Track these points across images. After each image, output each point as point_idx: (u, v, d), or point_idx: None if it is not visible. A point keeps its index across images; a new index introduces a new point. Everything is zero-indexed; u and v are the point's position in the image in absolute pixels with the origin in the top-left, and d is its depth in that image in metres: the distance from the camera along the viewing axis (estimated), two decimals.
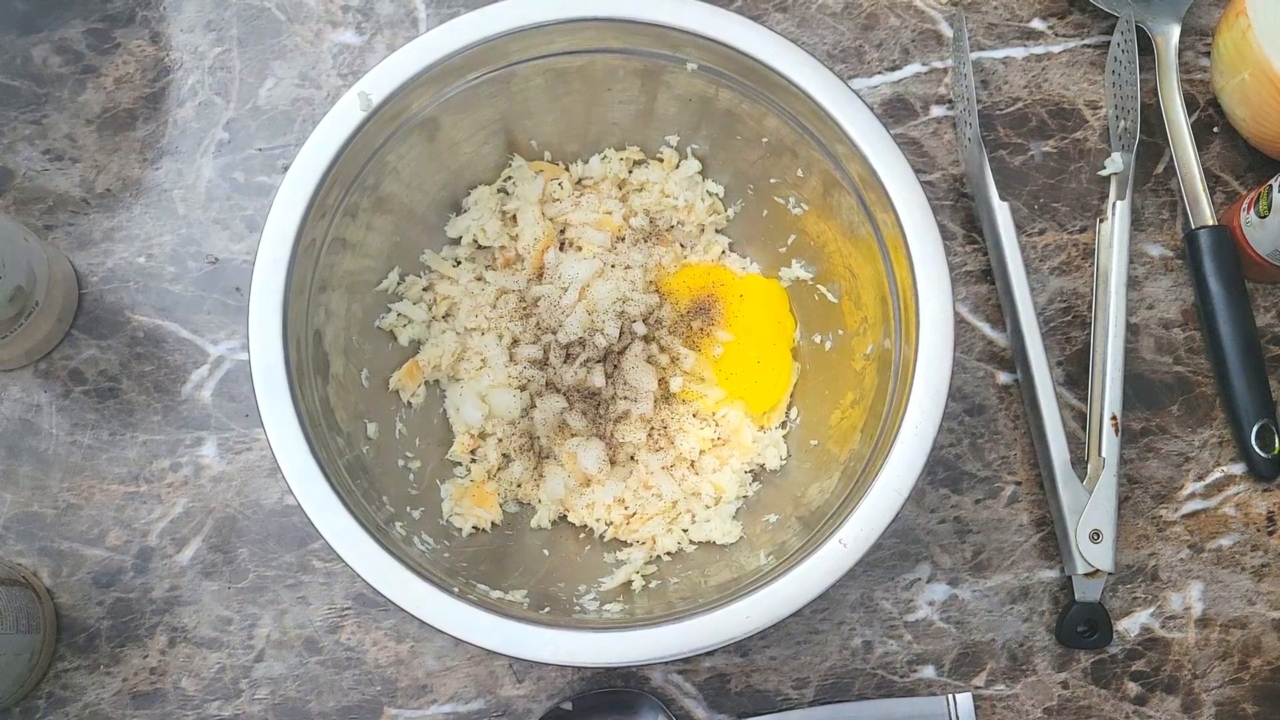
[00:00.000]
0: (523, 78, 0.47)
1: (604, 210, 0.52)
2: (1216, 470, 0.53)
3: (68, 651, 0.49)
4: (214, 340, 0.53)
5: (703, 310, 0.51)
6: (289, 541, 0.51)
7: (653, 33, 0.45)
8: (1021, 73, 0.57)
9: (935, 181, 0.56)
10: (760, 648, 0.50)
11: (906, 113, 0.56)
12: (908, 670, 0.50)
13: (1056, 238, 0.55)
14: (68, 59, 0.56)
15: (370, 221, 0.47)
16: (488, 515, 0.49)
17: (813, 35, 0.57)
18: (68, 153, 0.55)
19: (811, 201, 0.49)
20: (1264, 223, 0.51)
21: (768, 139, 0.48)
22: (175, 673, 0.49)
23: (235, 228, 0.54)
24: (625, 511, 0.50)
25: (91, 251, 0.54)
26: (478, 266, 0.52)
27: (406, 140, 0.46)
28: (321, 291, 0.45)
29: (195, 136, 0.55)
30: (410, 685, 0.50)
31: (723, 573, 0.46)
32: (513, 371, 0.50)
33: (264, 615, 0.50)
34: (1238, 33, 0.52)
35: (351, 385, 0.47)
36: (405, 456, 0.48)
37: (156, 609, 0.50)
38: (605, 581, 0.47)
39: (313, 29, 0.56)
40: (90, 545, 0.50)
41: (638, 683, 0.50)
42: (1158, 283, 0.55)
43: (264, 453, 0.51)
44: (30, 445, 0.51)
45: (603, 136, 0.52)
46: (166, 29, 0.56)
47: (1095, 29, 0.58)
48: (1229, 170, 0.56)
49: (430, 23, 0.57)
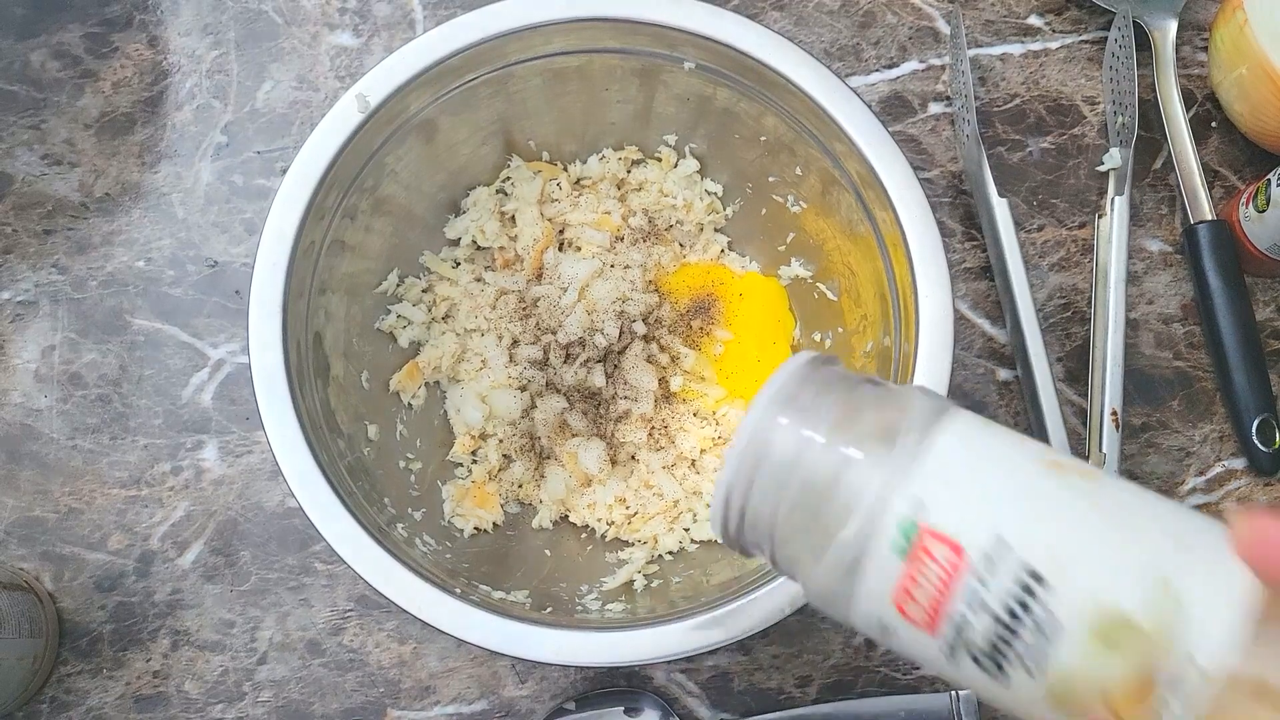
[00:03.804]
0: (520, 78, 0.47)
1: (602, 210, 0.52)
2: (1217, 465, 0.53)
3: (70, 656, 0.49)
4: (214, 343, 0.53)
5: (702, 309, 0.51)
6: (291, 544, 0.51)
7: (650, 32, 0.45)
8: (1019, 69, 0.57)
9: (934, 179, 0.56)
10: (763, 646, 0.50)
11: (904, 110, 0.56)
12: (910, 667, 0.50)
13: (1055, 234, 0.55)
14: (65, 63, 0.56)
15: (369, 223, 0.47)
16: (489, 516, 0.49)
17: (810, 33, 0.57)
18: (66, 157, 0.55)
19: (810, 199, 0.49)
20: (1262, 217, 0.51)
21: (766, 137, 0.48)
22: (178, 676, 0.49)
23: (234, 231, 0.54)
24: (626, 511, 0.50)
25: (91, 256, 0.54)
26: (477, 267, 0.52)
27: (405, 142, 0.46)
28: (321, 294, 0.45)
29: (194, 140, 0.55)
30: (413, 686, 0.50)
31: (724, 571, 0.46)
32: (513, 372, 0.50)
33: (266, 618, 0.50)
34: (1235, 27, 0.52)
35: (352, 387, 0.47)
36: (406, 458, 0.48)
37: (159, 612, 0.50)
38: (607, 581, 0.47)
39: (310, 31, 0.56)
40: (92, 549, 0.51)
41: (640, 682, 0.50)
42: (1157, 278, 0.55)
43: (265, 455, 0.51)
44: (31, 450, 0.51)
45: (601, 136, 0.52)
46: (164, 33, 0.56)
47: (1092, 25, 0.58)
48: (1227, 165, 0.56)
49: (427, 24, 0.57)
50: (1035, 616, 0.22)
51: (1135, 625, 0.22)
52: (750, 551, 0.29)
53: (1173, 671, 0.21)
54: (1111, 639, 0.22)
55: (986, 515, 0.24)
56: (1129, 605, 0.22)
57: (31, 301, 0.53)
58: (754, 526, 0.28)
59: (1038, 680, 0.23)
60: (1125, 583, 0.22)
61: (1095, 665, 0.22)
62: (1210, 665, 0.21)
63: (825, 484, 0.26)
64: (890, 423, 0.26)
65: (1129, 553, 0.23)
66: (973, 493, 0.24)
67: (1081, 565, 0.22)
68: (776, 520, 0.27)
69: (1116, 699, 0.22)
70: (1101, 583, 0.22)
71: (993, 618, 0.23)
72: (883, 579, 0.25)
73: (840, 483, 0.25)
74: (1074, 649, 0.22)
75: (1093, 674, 0.22)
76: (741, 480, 0.27)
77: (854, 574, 0.25)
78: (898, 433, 0.26)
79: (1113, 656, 0.22)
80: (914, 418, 0.26)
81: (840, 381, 0.28)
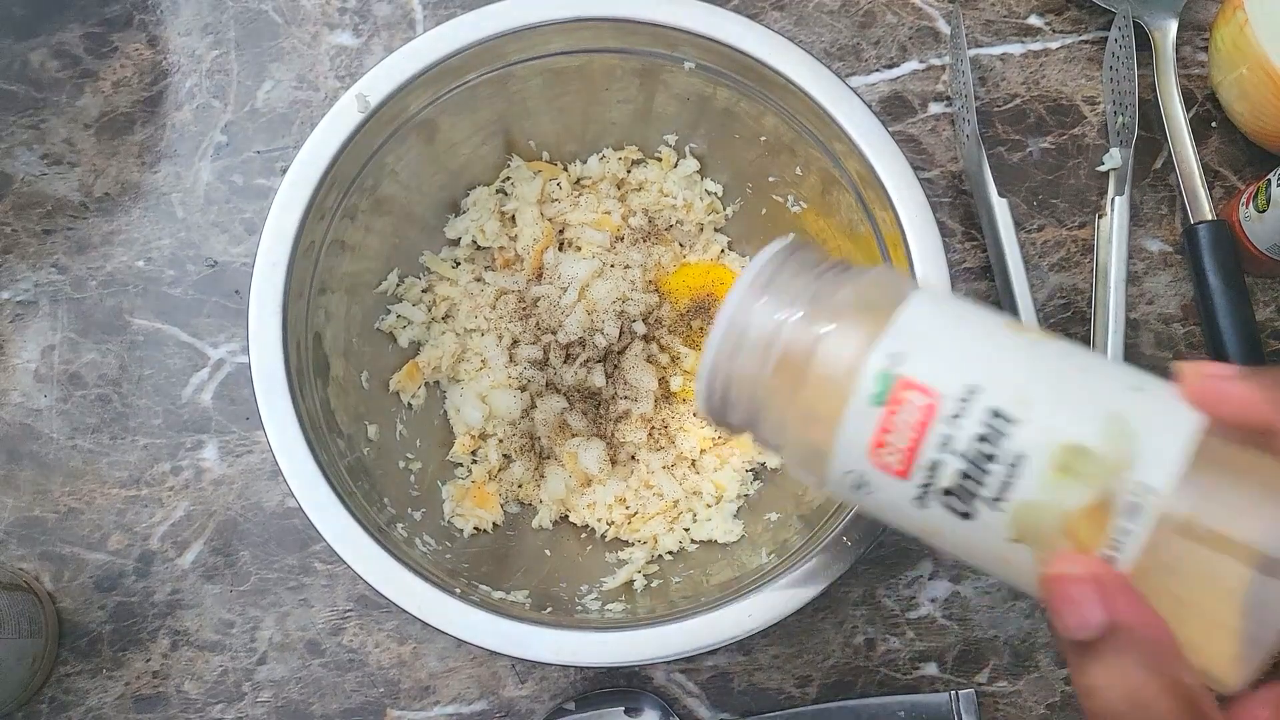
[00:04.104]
0: (520, 78, 0.47)
1: (602, 210, 0.52)
2: None
3: (70, 656, 0.49)
4: (214, 343, 0.53)
5: (702, 309, 0.51)
6: (290, 544, 0.51)
7: (650, 32, 0.45)
8: (1019, 69, 0.57)
9: (934, 179, 0.56)
10: (762, 646, 0.50)
11: (904, 110, 0.56)
12: (910, 667, 0.50)
13: (1055, 234, 0.55)
14: (65, 63, 0.56)
15: (369, 223, 0.47)
16: (489, 516, 0.49)
17: (810, 33, 0.57)
18: (66, 157, 0.55)
19: (810, 199, 0.49)
20: (1263, 217, 0.51)
21: (766, 137, 0.48)
22: (177, 676, 0.49)
23: (234, 230, 0.54)
24: (626, 511, 0.50)
25: (90, 255, 0.54)
26: (477, 267, 0.52)
27: (405, 141, 0.46)
28: (321, 294, 0.45)
29: (193, 140, 0.55)
30: (413, 687, 0.50)
31: (724, 571, 0.46)
32: (513, 372, 0.50)
33: (266, 618, 0.50)
34: (1235, 27, 0.52)
35: (352, 387, 0.47)
36: (406, 458, 0.48)
37: (158, 612, 0.50)
38: (607, 581, 0.47)
39: (310, 31, 0.56)
40: (92, 549, 0.50)
41: (640, 682, 0.50)
42: (1157, 278, 0.55)
43: (265, 455, 0.51)
44: (31, 450, 0.51)
45: (601, 136, 0.52)
46: (164, 32, 0.56)
47: (1093, 25, 0.58)
48: (1227, 165, 0.56)
49: (427, 24, 0.57)
50: (1001, 453, 0.24)
51: (1093, 454, 0.23)
52: (734, 426, 0.31)
53: (1127, 496, 0.23)
54: (1071, 468, 0.24)
55: (958, 365, 0.26)
56: (1087, 438, 0.24)
57: (31, 301, 0.53)
58: (737, 402, 0.30)
59: (1003, 514, 0.25)
60: (1084, 419, 0.24)
61: (1056, 493, 0.24)
62: (1162, 490, 0.23)
63: (803, 355, 0.28)
64: (863, 295, 0.28)
65: (1087, 394, 0.25)
66: (945, 346, 0.26)
67: (1044, 405, 0.24)
68: (758, 394, 0.29)
69: (1076, 524, 0.24)
70: (1062, 420, 0.24)
71: (963, 457, 0.25)
72: (860, 430, 0.26)
73: (818, 351, 0.27)
74: (1037, 480, 0.24)
75: (1054, 502, 0.24)
76: (724, 358, 0.29)
77: (833, 430, 0.27)
78: (871, 302, 0.28)
79: (1072, 484, 0.24)
80: (886, 288, 0.28)
81: (814, 263, 0.30)
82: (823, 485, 0.29)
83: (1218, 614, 0.23)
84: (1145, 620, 0.23)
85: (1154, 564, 0.23)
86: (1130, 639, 0.23)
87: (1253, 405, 0.23)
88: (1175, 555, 0.23)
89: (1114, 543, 0.23)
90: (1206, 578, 0.23)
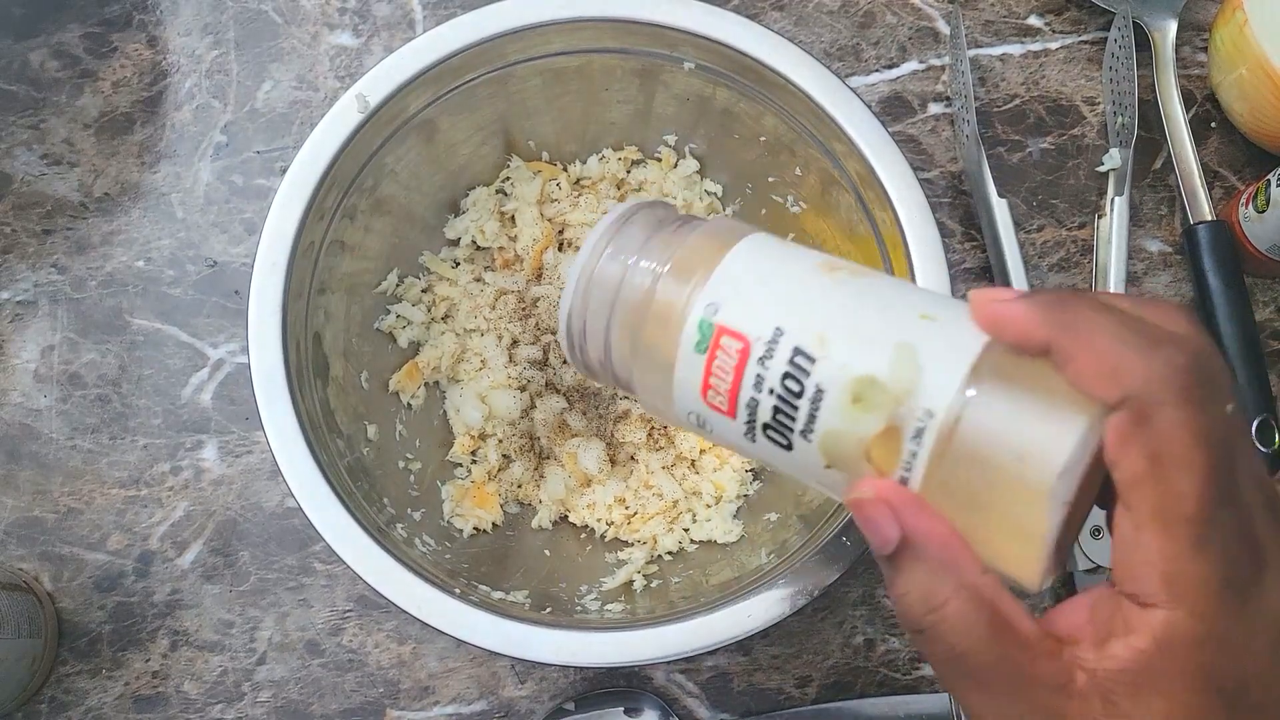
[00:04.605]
0: (520, 78, 0.47)
1: (602, 210, 0.52)
2: None
3: (69, 656, 0.49)
4: (213, 343, 0.53)
5: None
6: (290, 544, 0.51)
7: (650, 32, 0.45)
8: (1019, 69, 0.57)
9: (933, 179, 0.56)
10: (762, 646, 0.50)
11: (904, 110, 0.56)
12: (910, 668, 0.50)
13: (1055, 234, 0.55)
14: (65, 63, 0.56)
15: (369, 223, 0.47)
16: (488, 516, 0.49)
17: (810, 34, 0.57)
18: (65, 157, 0.55)
19: (810, 200, 0.49)
20: (1262, 217, 0.51)
21: (765, 138, 0.48)
22: (177, 676, 0.49)
23: (234, 231, 0.54)
24: (626, 511, 0.50)
25: (90, 255, 0.54)
26: (476, 267, 0.52)
27: (404, 142, 0.46)
28: (320, 294, 0.45)
29: (193, 140, 0.55)
30: (412, 687, 0.50)
31: (724, 572, 0.46)
32: (512, 372, 0.50)
33: (266, 618, 0.50)
34: (1234, 27, 0.52)
35: (351, 387, 0.47)
36: (405, 458, 0.48)
37: (158, 613, 0.50)
38: (607, 581, 0.47)
39: (310, 31, 0.56)
40: (91, 549, 0.50)
41: (640, 682, 0.50)
42: (1157, 278, 0.55)
43: (264, 455, 0.51)
44: (31, 450, 0.51)
45: (601, 136, 0.52)
46: (163, 33, 0.56)
47: (1092, 25, 0.58)
48: (1227, 165, 0.56)
49: (427, 24, 0.57)
50: (806, 388, 0.27)
51: (881, 384, 0.25)
52: (595, 372, 0.33)
53: (913, 421, 0.25)
54: (864, 398, 0.26)
55: (766, 311, 0.28)
56: (877, 369, 0.26)
57: (31, 301, 0.53)
58: (594, 345, 0.32)
59: (813, 444, 0.27)
60: (875, 351, 0.26)
61: (853, 423, 0.26)
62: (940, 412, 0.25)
63: (643, 301, 0.30)
64: (697, 245, 0.30)
65: (881, 327, 0.26)
66: (755, 294, 0.28)
67: (840, 342, 0.26)
68: (610, 338, 0.31)
69: (873, 450, 0.26)
70: (856, 355, 0.26)
71: (774, 394, 0.27)
72: (691, 375, 0.29)
73: (654, 300, 0.30)
74: (836, 411, 0.26)
75: (852, 430, 0.26)
76: (578, 304, 0.32)
77: (669, 374, 0.29)
78: (702, 252, 0.30)
79: (866, 413, 0.26)
80: (717, 238, 0.30)
81: (660, 219, 0.32)
82: (676, 422, 0.31)
83: (1012, 520, 0.24)
84: (931, 531, 0.25)
85: (949, 479, 0.25)
86: (921, 549, 0.25)
87: (1033, 324, 0.24)
88: (966, 469, 0.25)
89: (905, 464, 0.25)
90: (997, 486, 0.24)
